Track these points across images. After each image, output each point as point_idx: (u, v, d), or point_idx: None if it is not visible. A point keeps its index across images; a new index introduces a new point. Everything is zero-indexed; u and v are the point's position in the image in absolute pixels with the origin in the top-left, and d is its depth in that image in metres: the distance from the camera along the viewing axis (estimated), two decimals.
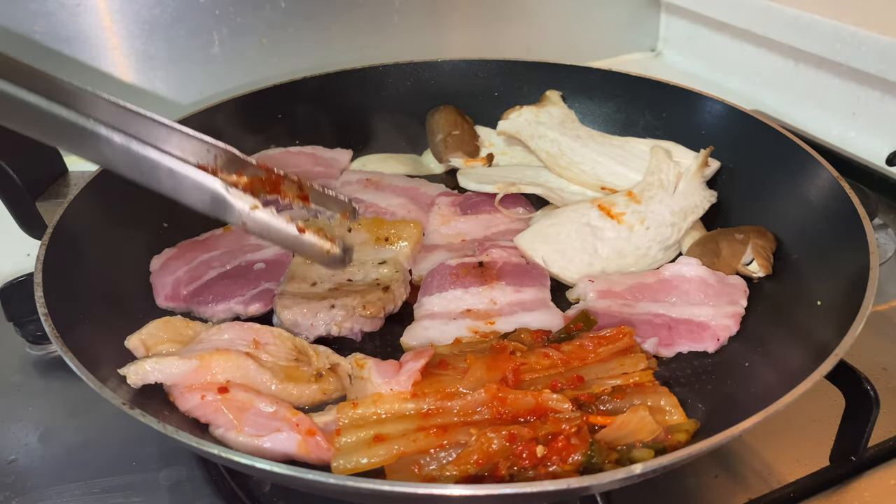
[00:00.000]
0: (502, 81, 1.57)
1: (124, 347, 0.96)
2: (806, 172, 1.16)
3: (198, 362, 0.89)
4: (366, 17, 1.84)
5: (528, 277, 1.16)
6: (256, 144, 1.46)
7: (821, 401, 1.01)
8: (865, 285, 0.89)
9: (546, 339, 1.01)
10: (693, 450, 0.72)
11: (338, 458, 0.82)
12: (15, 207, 1.18)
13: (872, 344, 1.13)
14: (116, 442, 1.01)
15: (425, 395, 0.88)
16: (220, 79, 1.76)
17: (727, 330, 1.04)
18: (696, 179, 1.26)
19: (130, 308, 1.08)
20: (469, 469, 0.80)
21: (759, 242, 1.15)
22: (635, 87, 1.48)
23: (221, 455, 0.73)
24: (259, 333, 0.97)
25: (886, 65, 1.58)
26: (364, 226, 1.23)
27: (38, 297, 0.91)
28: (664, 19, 2.24)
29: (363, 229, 1.23)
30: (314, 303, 1.07)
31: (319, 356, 0.97)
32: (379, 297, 1.09)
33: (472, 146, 1.49)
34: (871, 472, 0.94)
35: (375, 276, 1.15)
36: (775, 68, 1.91)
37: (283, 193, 0.99)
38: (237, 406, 0.87)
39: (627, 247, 1.20)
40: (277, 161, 1.45)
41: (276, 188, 0.98)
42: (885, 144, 1.64)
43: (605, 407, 0.89)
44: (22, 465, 0.99)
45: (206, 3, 1.69)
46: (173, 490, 0.94)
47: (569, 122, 1.46)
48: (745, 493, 0.91)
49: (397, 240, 1.22)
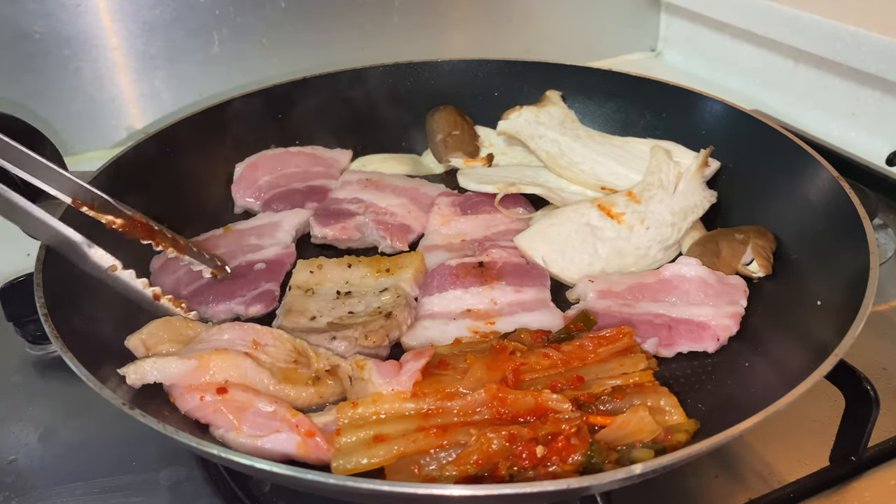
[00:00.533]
0: (502, 81, 1.57)
1: (124, 347, 0.96)
2: (806, 172, 1.16)
3: (196, 362, 0.89)
4: (366, 17, 1.84)
5: (529, 277, 1.16)
6: (257, 144, 1.46)
7: (821, 401, 1.01)
8: (865, 285, 0.89)
9: (546, 339, 1.01)
10: (693, 450, 0.72)
11: (338, 459, 0.82)
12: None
13: (872, 344, 1.13)
14: (116, 442, 1.01)
15: (425, 395, 0.88)
16: (220, 79, 1.76)
17: (727, 330, 1.04)
18: (696, 179, 1.26)
19: (130, 308, 1.08)
20: (469, 469, 0.80)
21: (759, 242, 1.15)
22: (635, 87, 1.48)
23: (221, 455, 0.73)
24: (259, 334, 0.97)
25: (886, 65, 1.58)
26: (364, 262, 1.19)
27: (38, 297, 0.91)
28: (664, 19, 2.24)
29: (363, 265, 1.19)
30: (314, 336, 1.03)
31: (320, 357, 0.97)
32: (381, 324, 1.04)
33: (472, 146, 1.49)
34: (871, 472, 0.94)
35: (377, 304, 1.10)
36: (775, 68, 1.91)
37: (157, 242, 1.10)
38: (236, 406, 0.87)
39: (627, 247, 1.20)
40: (278, 161, 1.45)
41: (151, 235, 1.09)
42: (885, 144, 1.64)
43: (605, 407, 0.89)
44: (22, 465, 0.99)
45: (206, 3, 1.69)
46: (173, 490, 0.94)
47: (569, 122, 1.46)
48: (745, 493, 0.91)
49: (398, 269, 1.17)
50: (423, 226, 1.33)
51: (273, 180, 1.42)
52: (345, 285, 1.16)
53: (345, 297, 1.13)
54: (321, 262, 1.19)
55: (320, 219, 1.31)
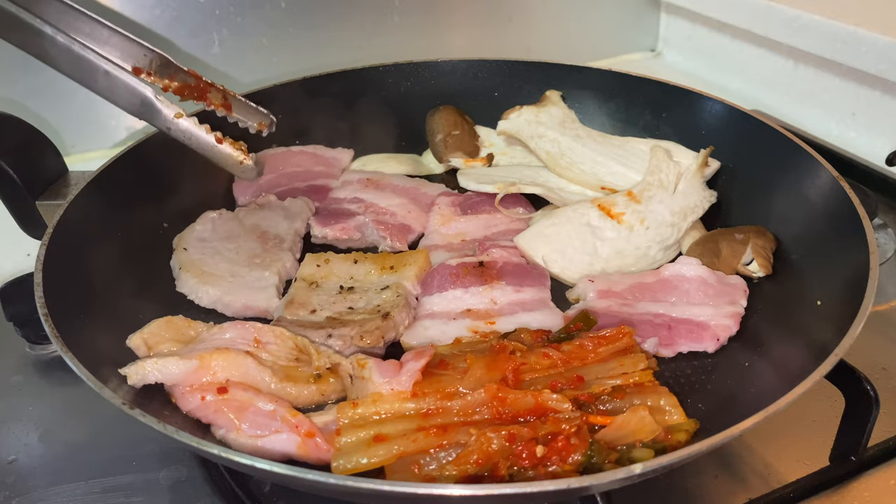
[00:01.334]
0: (502, 81, 1.57)
1: (124, 347, 0.96)
2: (806, 172, 1.16)
3: (198, 362, 0.89)
4: (366, 17, 1.84)
5: (529, 277, 1.16)
6: (257, 144, 1.46)
7: (821, 401, 1.01)
8: (865, 285, 0.89)
9: (546, 338, 1.01)
10: (693, 450, 0.72)
11: (338, 458, 0.82)
12: (15, 207, 1.18)
13: (872, 344, 1.13)
14: (116, 442, 1.01)
15: (425, 394, 0.88)
16: (220, 79, 1.75)
17: (727, 330, 1.04)
18: (696, 179, 1.26)
19: (131, 308, 1.08)
20: (469, 469, 0.80)
21: (759, 242, 1.15)
22: (635, 87, 1.48)
23: (221, 455, 0.73)
24: (260, 332, 0.98)
25: (886, 65, 1.58)
26: (370, 259, 1.20)
27: (38, 297, 0.91)
28: (664, 19, 2.24)
29: (369, 261, 1.19)
30: (311, 332, 1.03)
31: (321, 355, 0.97)
32: (377, 325, 1.04)
33: (472, 146, 1.49)
34: (871, 472, 0.94)
35: (377, 302, 1.10)
36: (775, 68, 1.91)
37: (208, 100, 1.11)
38: (236, 405, 0.88)
39: (627, 247, 1.20)
40: (279, 160, 1.45)
41: (202, 95, 1.09)
42: (885, 144, 1.64)
43: (605, 407, 0.89)
44: (22, 465, 0.99)
45: (206, 3, 1.69)
46: (173, 490, 0.94)
47: (569, 122, 1.46)
48: (745, 493, 0.91)
49: (402, 266, 1.17)
50: (424, 226, 1.33)
51: (274, 179, 1.42)
52: (349, 280, 1.16)
53: (347, 293, 1.14)
54: (329, 257, 1.20)
55: (320, 219, 1.32)
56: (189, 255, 1.19)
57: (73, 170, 1.25)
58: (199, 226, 1.26)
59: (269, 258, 1.21)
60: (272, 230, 1.28)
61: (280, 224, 1.30)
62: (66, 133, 1.68)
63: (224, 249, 1.22)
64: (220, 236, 1.25)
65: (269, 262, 1.20)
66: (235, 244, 1.24)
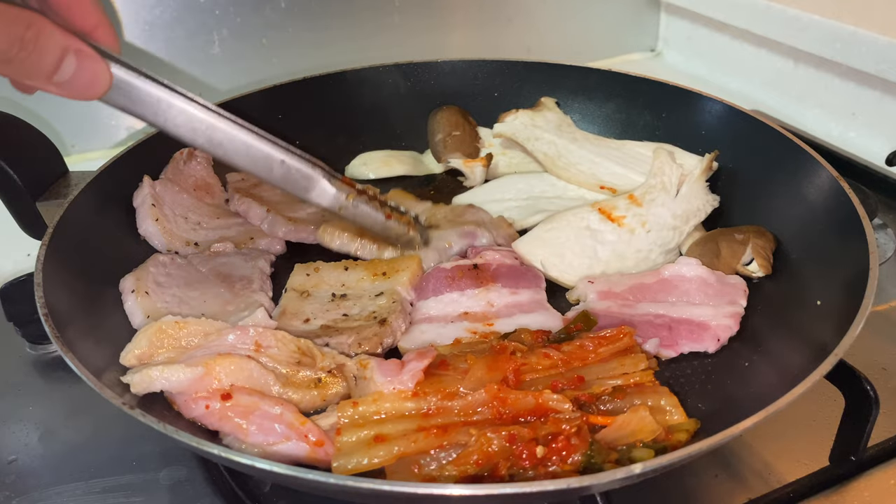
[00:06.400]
0: (502, 82, 1.57)
1: (124, 347, 0.96)
2: (806, 172, 1.16)
3: (203, 369, 0.88)
4: (366, 17, 1.84)
5: (524, 279, 1.16)
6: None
7: (821, 401, 1.01)
8: (865, 285, 0.89)
9: (546, 339, 1.01)
10: (693, 450, 0.72)
11: (338, 459, 0.82)
12: (15, 207, 1.18)
13: (872, 344, 1.13)
14: (116, 442, 1.01)
15: (426, 394, 0.88)
16: (220, 79, 1.76)
17: (727, 330, 1.04)
18: (699, 183, 1.26)
19: None
20: (469, 469, 0.80)
21: (759, 242, 1.15)
22: (635, 88, 1.48)
23: (221, 455, 0.73)
24: (261, 336, 0.96)
25: (886, 65, 1.58)
26: (361, 265, 1.18)
27: (38, 297, 0.90)
28: (664, 19, 2.24)
29: (360, 268, 1.17)
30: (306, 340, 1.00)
31: (325, 357, 0.96)
32: (375, 332, 1.03)
33: (471, 147, 1.49)
34: (871, 472, 0.94)
35: (372, 308, 1.09)
36: (775, 68, 1.91)
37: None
38: (242, 410, 0.86)
39: (628, 250, 1.20)
40: None
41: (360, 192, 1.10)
42: (885, 144, 1.65)
43: (606, 407, 0.89)
44: (22, 465, 0.99)
45: (206, 3, 1.69)
46: (173, 490, 0.94)
47: (565, 125, 1.46)
48: (745, 493, 0.91)
49: (395, 272, 1.15)
50: None
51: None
52: (340, 287, 1.15)
53: (339, 300, 1.12)
54: (318, 266, 1.18)
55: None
56: (153, 303, 1.05)
57: (73, 170, 1.25)
58: (153, 268, 1.11)
59: (243, 303, 1.09)
60: (236, 273, 1.15)
61: (242, 266, 1.17)
62: (66, 133, 1.68)
63: (189, 298, 1.08)
64: (179, 283, 1.11)
65: (245, 306, 1.08)
66: (199, 291, 1.10)
